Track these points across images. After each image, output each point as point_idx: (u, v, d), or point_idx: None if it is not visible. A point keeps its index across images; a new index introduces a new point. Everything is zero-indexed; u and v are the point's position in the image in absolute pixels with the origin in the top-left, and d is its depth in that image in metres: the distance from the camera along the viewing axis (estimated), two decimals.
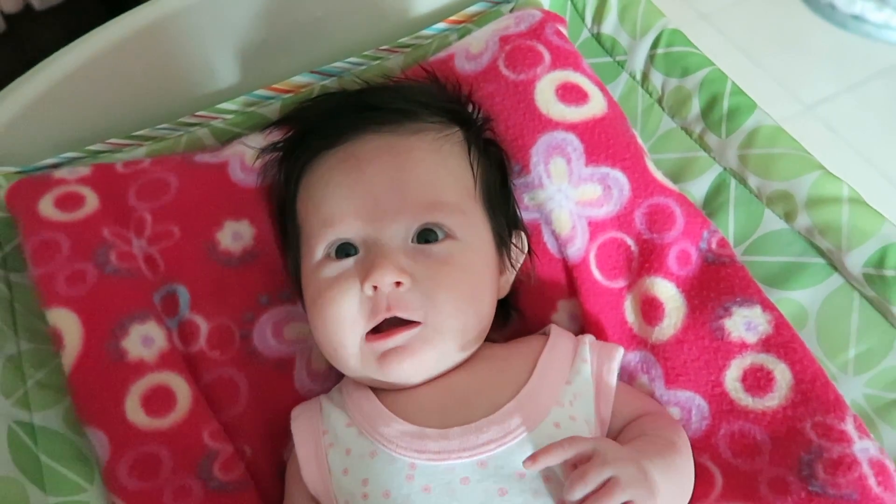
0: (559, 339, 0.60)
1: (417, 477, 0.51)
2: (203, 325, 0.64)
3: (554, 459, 0.48)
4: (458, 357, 0.57)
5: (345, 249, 0.58)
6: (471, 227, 0.59)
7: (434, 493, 0.50)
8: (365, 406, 0.56)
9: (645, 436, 0.56)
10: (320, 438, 0.56)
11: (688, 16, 1.68)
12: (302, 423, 0.58)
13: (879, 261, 0.59)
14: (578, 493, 0.47)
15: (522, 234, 0.66)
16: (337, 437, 0.55)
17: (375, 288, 0.54)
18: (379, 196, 0.57)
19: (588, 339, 0.61)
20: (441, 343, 0.55)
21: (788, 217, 0.66)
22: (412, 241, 0.57)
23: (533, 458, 0.48)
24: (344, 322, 0.56)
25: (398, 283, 0.54)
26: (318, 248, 0.58)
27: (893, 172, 1.41)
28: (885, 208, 1.35)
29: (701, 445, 0.59)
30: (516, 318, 0.68)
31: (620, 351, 0.60)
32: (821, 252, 0.64)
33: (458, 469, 0.51)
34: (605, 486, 0.47)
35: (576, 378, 0.57)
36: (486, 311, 0.59)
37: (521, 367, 0.57)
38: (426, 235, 0.57)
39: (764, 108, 0.70)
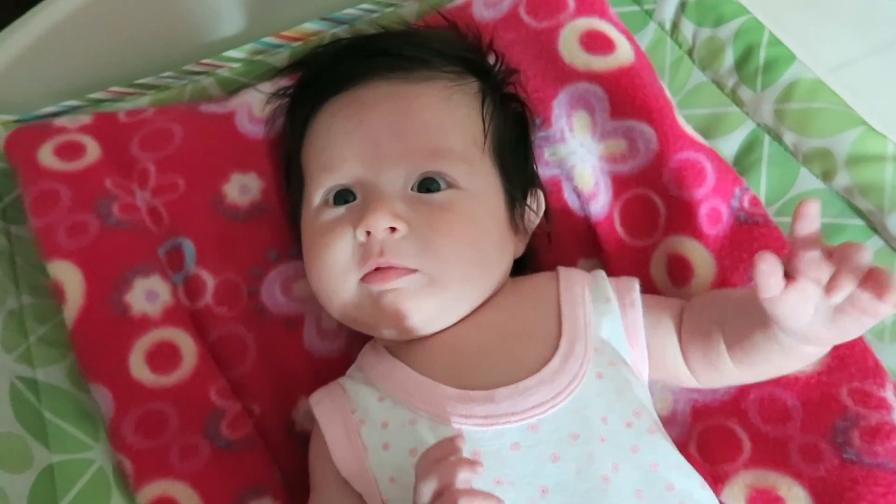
0: (571, 279, 0.57)
1: (465, 444, 0.47)
2: (210, 281, 0.62)
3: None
4: (464, 308, 0.55)
5: (343, 196, 0.56)
6: (476, 178, 0.56)
7: (483, 459, 0.47)
8: (397, 375, 0.54)
9: (732, 300, 0.53)
10: (349, 417, 0.54)
11: None
12: (326, 406, 0.56)
13: None
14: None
15: (540, 194, 0.63)
16: (368, 414, 0.53)
17: (369, 234, 0.53)
18: (379, 140, 0.55)
19: (601, 274, 0.58)
20: (441, 292, 0.53)
21: (826, 176, 0.63)
22: (412, 190, 0.55)
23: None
24: (336, 268, 0.54)
25: (393, 230, 0.52)
26: (317, 193, 0.57)
27: None
28: None
29: (729, 409, 0.58)
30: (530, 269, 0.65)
31: (637, 282, 0.57)
32: (860, 213, 0.62)
33: (508, 434, 0.49)
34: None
35: (603, 319, 0.54)
36: (493, 264, 0.56)
37: (546, 316, 0.54)
38: (428, 185, 0.55)
39: None
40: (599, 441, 0.48)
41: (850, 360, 0.55)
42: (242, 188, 0.65)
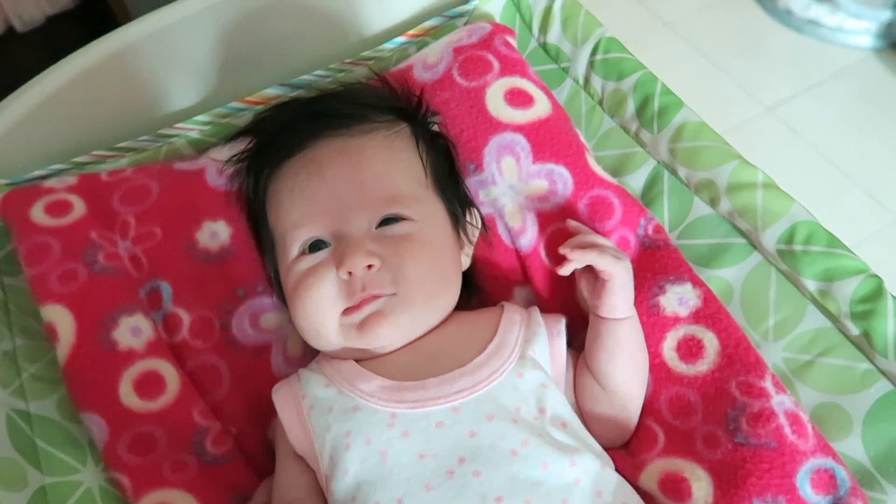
0: (513, 308, 0.66)
1: (397, 424, 0.57)
2: (185, 317, 0.69)
3: (584, 258, 0.62)
4: (430, 321, 0.63)
5: (317, 245, 0.63)
6: (426, 210, 0.65)
7: (412, 437, 0.56)
8: (344, 369, 0.61)
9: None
10: (300, 403, 0.61)
11: (653, 24, 1.75)
12: (281, 394, 0.63)
13: (789, 237, 0.65)
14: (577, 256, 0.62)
15: (475, 211, 0.72)
16: (317, 399, 0.60)
17: (350, 273, 0.60)
18: (341, 195, 0.63)
19: (535, 309, 0.67)
20: (412, 307, 0.61)
21: (713, 203, 0.72)
22: (375, 228, 0.62)
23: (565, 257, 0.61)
24: (323, 303, 0.61)
25: (369, 266, 0.60)
26: (293, 247, 0.64)
27: (851, 169, 1.47)
28: (844, 202, 1.42)
29: (646, 410, 0.65)
30: (478, 298, 0.73)
31: (563, 319, 0.66)
32: (742, 233, 0.70)
33: (434, 415, 0.57)
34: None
35: (533, 338, 0.63)
36: (451, 280, 0.65)
37: (485, 330, 0.63)
38: (386, 220, 0.63)
39: (727, 110, 0.76)
40: (511, 422, 0.56)
41: (735, 357, 0.62)
42: (213, 234, 0.72)
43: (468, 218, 0.70)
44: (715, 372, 0.63)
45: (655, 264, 0.68)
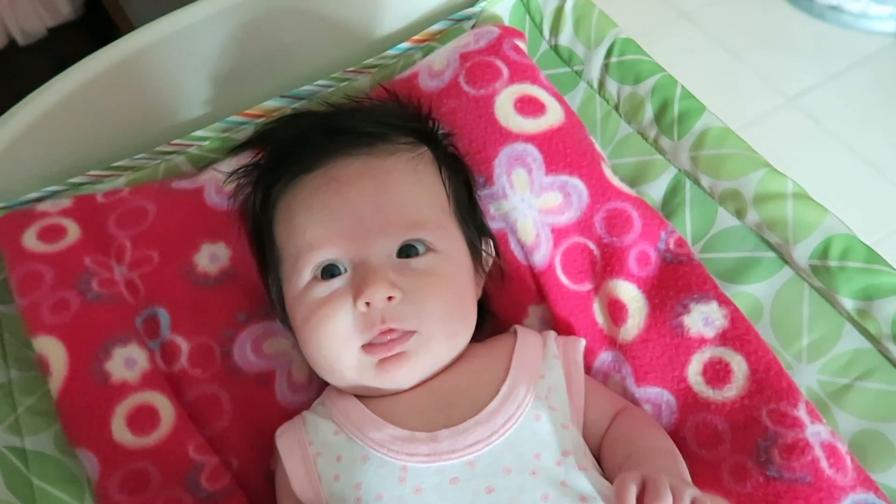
0: (527, 337, 0.63)
1: (409, 479, 0.53)
2: (184, 345, 0.66)
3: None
4: (447, 359, 0.60)
5: (330, 270, 0.60)
6: (449, 240, 0.62)
7: (425, 493, 0.53)
8: (353, 414, 0.59)
9: (643, 450, 0.57)
10: (307, 449, 0.58)
11: (669, 15, 1.71)
12: (286, 439, 0.60)
13: (823, 252, 0.62)
14: None
15: (490, 240, 0.69)
16: (325, 446, 0.58)
17: (368, 304, 0.57)
18: (363, 217, 0.59)
19: (552, 335, 0.63)
20: (435, 347, 0.58)
21: (739, 214, 0.68)
22: (396, 257, 0.59)
23: None
24: (338, 337, 0.58)
25: (390, 298, 0.57)
26: (305, 270, 0.60)
27: (877, 159, 1.43)
28: (870, 195, 1.37)
29: (671, 438, 0.61)
30: (490, 322, 0.70)
31: (582, 342, 0.63)
32: (771, 246, 0.67)
33: (448, 470, 0.53)
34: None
35: (548, 372, 0.60)
36: (470, 315, 0.62)
37: (497, 367, 0.60)
38: (407, 251, 0.59)
39: (746, 102, 0.73)
40: (530, 474, 0.53)
41: (765, 383, 0.59)
42: (212, 256, 0.70)
43: (483, 247, 0.67)
44: (744, 398, 0.60)
45: (678, 281, 0.64)
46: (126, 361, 0.63)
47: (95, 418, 0.61)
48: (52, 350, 0.62)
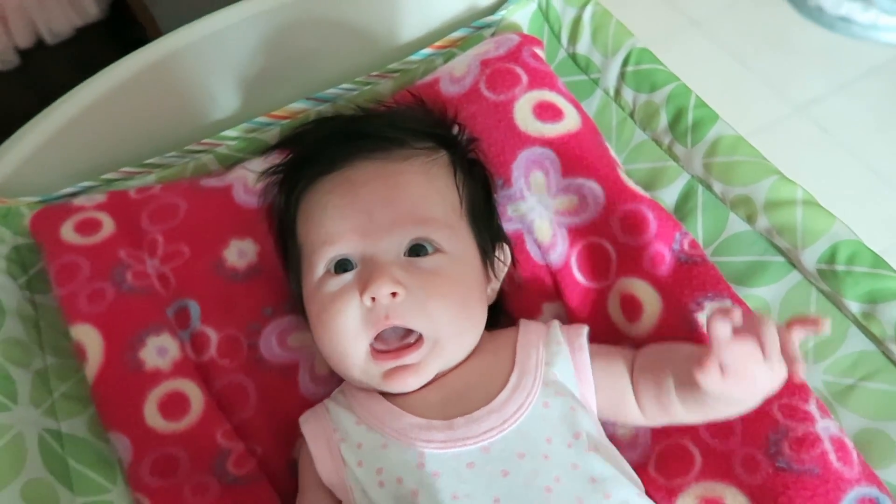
0: (528, 327, 0.65)
1: (427, 464, 0.56)
2: (213, 336, 0.69)
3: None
4: (455, 361, 0.62)
5: (343, 265, 0.62)
6: (457, 241, 0.63)
7: (443, 477, 0.55)
8: (372, 405, 0.60)
9: (670, 348, 0.61)
10: (332, 435, 0.60)
11: (680, 22, 1.72)
12: (311, 425, 0.62)
13: (830, 257, 0.63)
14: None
15: (506, 246, 0.70)
16: (347, 434, 0.60)
17: (374, 299, 0.59)
18: (373, 212, 0.61)
19: (556, 323, 0.65)
20: (442, 352, 0.60)
21: (750, 219, 0.70)
22: (404, 255, 0.61)
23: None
24: (348, 333, 0.60)
25: (394, 294, 0.58)
26: (319, 264, 0.62)
27: (884, 170, 1.43)
28: (878, 204, 1.38)
29: (683, 429, 0.63)
30: (505, 322, 0.71)
31: (586, 328, 0.64)
32: (780, 251, 0.68)
33: (464, 455, 0.56)
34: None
35: (555, 359, 0.61)
36: (477, 318, 0.64)
37: (503, 359, 0.62)
38: (416, 250, 0.61)
39: (755, 110, 0.74)
40: (543, 458, 0.55)
41: None
42: (240, 252, 0.72)
43: (497, 253, 0.69)
44: None
45: (693, 280, 0.66)
46: (158, 350, 0.66)
47: (129, 404, 0.64)
48: (89, 338, 0.65)
